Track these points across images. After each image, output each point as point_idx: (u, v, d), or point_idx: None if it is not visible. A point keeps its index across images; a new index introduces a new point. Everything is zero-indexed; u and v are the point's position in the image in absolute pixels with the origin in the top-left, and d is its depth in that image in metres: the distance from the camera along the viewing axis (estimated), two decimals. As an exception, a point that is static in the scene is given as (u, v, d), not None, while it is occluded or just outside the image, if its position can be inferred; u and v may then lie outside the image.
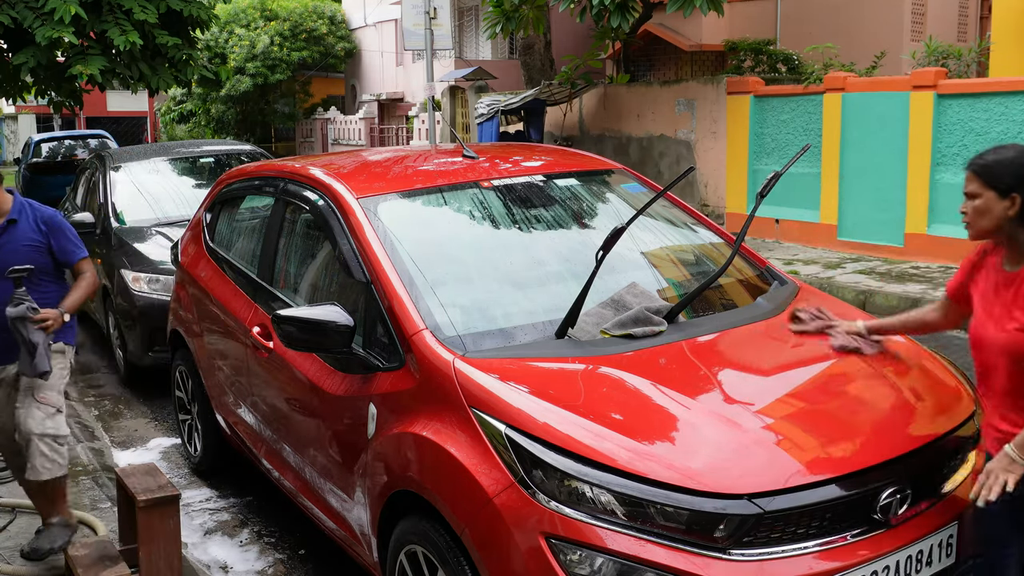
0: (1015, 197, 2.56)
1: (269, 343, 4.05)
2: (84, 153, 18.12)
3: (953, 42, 15.22)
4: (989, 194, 2.60)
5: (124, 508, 3.93)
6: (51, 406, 3.86)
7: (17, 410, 3.84)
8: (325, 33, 30.66)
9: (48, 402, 3.85)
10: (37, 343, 3.64)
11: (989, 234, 2.67)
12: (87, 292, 4.01)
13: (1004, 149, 2.64)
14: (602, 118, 15.29)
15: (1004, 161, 2.60)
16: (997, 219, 2.60)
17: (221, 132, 32.01)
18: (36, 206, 3.98)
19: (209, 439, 5.16)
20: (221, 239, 5.13)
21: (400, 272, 3.38)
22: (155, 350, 6.74)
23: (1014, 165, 2.58)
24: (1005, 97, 9.57)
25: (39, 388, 3.84)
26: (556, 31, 18.36)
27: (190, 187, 8.46)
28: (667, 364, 3.11)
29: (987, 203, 2.60)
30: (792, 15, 18.37)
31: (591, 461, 2.60)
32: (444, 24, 17.38)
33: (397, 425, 3.09)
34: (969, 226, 2.69)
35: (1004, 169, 2.58)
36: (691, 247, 4.14)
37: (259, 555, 4.38)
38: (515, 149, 5.11)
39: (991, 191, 2.59)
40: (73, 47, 13.11)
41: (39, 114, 39.79)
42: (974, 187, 2.63)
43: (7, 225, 3.87)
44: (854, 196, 11.01)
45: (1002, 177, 2.58)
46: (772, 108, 12.14)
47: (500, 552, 2.66)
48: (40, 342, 3.65)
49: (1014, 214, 2.58)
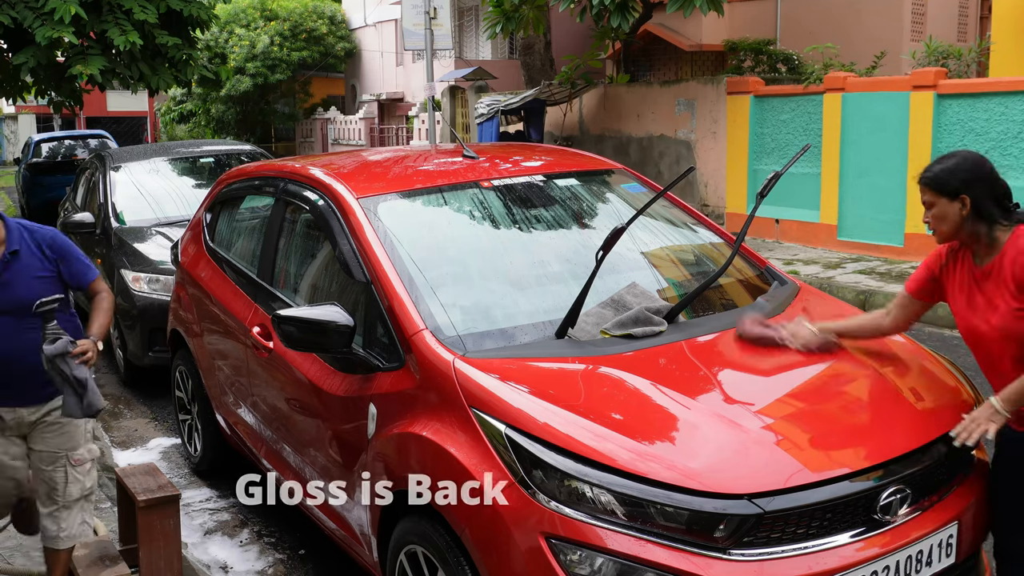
0: (964, 198, 2.84)
1: (269, 343, 4.05)
2: (84, 153, 18.09)
3: (953, 42, 15.21)
4: (941, 200, 2.87)
5: (124, 508, 3.93)
6: (86, 463, 3.53)
7: (46, 472, 3.46)
8: (325, 33, 30.66)
9: (83, 461, 3.51)
10: (86, 379, 3.21)
11: (953, 236, 2.93)
12: (111, 313, 3.57)
13: (947, 158, 2.92)
14: (602, 118, 15.29)
15: (948, 168, 2.88)
16: (955, 221, 2.87)
17: (221, 132, 32.01)
18: (33, 228, 3.45)
19: (209, 439, 5.16)
20: (221, 239, 5.13)
21: (400, 272, 3.38)
22: (155, 350, 6.74)
23: (957, 170, 2.86)
24: (1005, 97, 9.57)
25: (69, 447, 3.47)
26: (556, 31, 18.36)
27: (190, 187, 8.45)
28: (667, 364, 3.11)
29: (942, 209, 2.88)
30: (792, 15, 18.36)
31: (591, 461, 2.60)
32: (444, 24, 17.38)
33: (397, 425, 3.09)
34: (935, 233, 2.96)
35: (949, 175, 2.86)
36: (691, 247, 4.14)
37: (259, 555, 4.38)
38: (515, 149, 5.11)
39: (943, 197, 2.87)
40: (73, 47, 13.11)
41: (39, 114, 39.79)
42: (928, 197, 2.91)
43: (9, 258, 3.34)
44: (854, 196, 11.01)
45: (948, 182, 2.85)
46: (772, 108, 12.14)
47: (500, 552, 2.66)
48: (88, 378, 3.22)
49: (967, 213, 2.84)
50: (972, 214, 2.84)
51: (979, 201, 2.83)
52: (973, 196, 2.83)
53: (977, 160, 2.90)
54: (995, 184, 2.87)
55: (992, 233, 2.85)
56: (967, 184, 2.83)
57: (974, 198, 2.83)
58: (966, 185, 2.83)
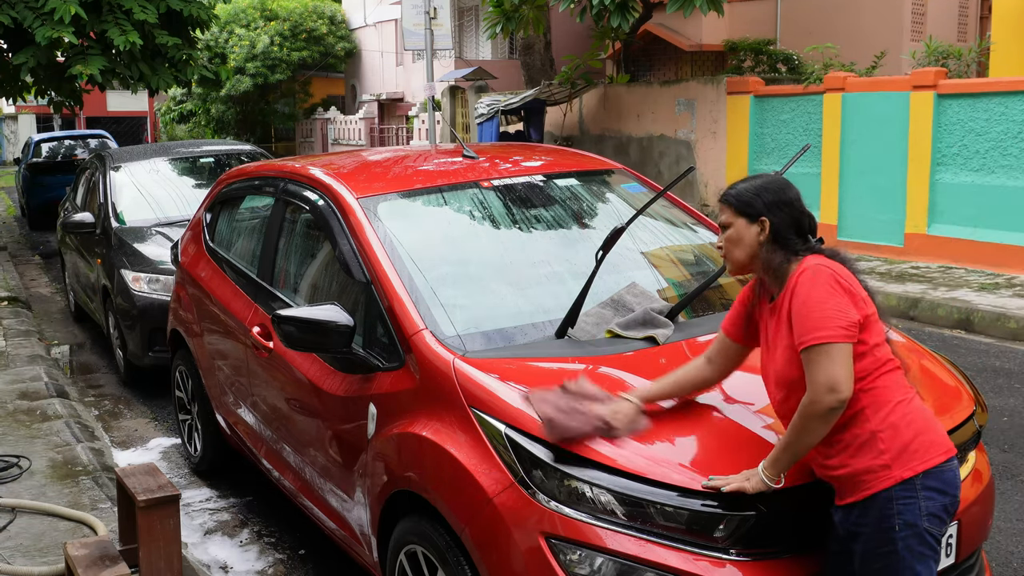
0: (764, 221, 2.55)
1: (269, 343, 4.05)
2: (84, 153, 18.11)
3: (953, 42, 15.22)
4: (740, 221, 2.59)
5: (124, 508, 3.93)
6: None
7: None
8: (325, 33, 30.68)
9: None
10: None
11: (747, 265, 2.63)
12: None
13: (754, 178, 2.66)
14: (602, 118, 15.29)
15: (752, 188, 2.60)
16: (750, 247, 2.58)
17: (221, 132, 32.03)
18: None
19: (209, 439, 5.16)
20: (221, 239, 5.13)
21: (400, 272, 3.38)
22: (155, 350, 6.74)
23: (761, 190, 2.58)
24: (1005, 97, 9.57)
25: None
26: (556, 31, 18.37)
27: (190, 187, 8.45)
28: (667, 364, 3.10)
29: (738, 231, 2.59)
30: (792, 15, 18.37)
31: (591, 461, 2.60)
32: (444, 24, 17.39)
33: (397, 425, 3.09)
34: (726, 259, 2.67)
35: (751, 195, 2.58)
36: (691, 247, 4.14)
37: (259, 555, 4.38)
38: (515, 149, 5.11)
39: (741, 218, 2.59)
40: (73, 47, 13.11)
41: (39, 114, 39.81)
42: (725, 216, 2.63)
43: None
44: (854, 196, 11.02)
45: (751, 203, 2.58)
46: (772, 108, 12.14)
47: (500, 552, 2.66)
48: None
49: (764, 239, 2.56)
50: (769, 240, 2.56)
51: (779, 227, 2.54)
52: (774, 220, 2.54)
53: (783, 183, 2.62)
54: (800, 213, 2.58)
55: (785, 265, 2.54)
56: (769, 207, 2.55)
57: (774, 223, 2.54)
58: (768, 207, 2.55)
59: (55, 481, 4.81)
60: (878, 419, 2.43)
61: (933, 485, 2.42)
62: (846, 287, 2.44)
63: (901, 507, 2.41)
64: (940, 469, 2.44)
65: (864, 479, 2.43)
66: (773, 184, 2.61)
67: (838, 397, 2.36)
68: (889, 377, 2.48)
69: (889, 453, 2.42)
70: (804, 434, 2.42)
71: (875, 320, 2.50)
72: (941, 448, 2.46)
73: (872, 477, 2.42)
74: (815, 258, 2.51)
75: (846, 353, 2.38)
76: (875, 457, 2.42)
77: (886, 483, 2.41)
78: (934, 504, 2.43)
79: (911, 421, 2.45)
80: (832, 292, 2.41)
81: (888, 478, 2.41)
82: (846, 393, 2.36)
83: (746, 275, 2.76)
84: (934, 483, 2.43)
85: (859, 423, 2.44)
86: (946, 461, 2.46)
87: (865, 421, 2.44)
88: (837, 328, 2.38)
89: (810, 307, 2.41)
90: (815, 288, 2.42)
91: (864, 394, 2.44)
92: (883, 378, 2.47)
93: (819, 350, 2.38)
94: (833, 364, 2.36)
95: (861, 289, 2.50)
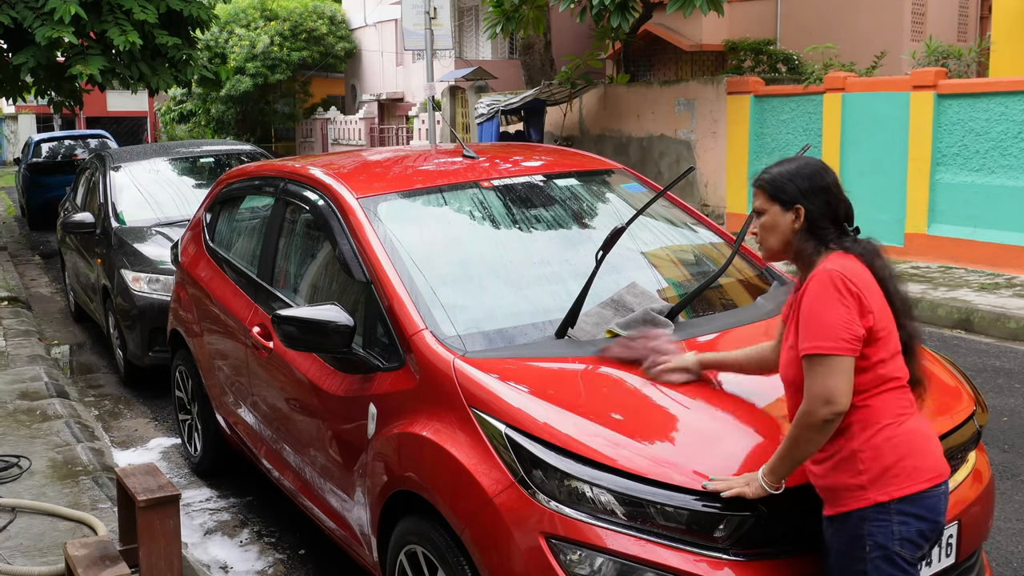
0: (799, 208, 2.48)
1: (269, 343, 4.05)
2: (84, 153, 18.11)
3: (953, 42, 15.23)
4: (774, 208, 2.51)
5: (124, 508, 3.93)
6: None
7: None
8: (325, 33, 30.69)
9: None
10: None
11: (780, 252, 2.56)
12: None
13: (788, 161, 2.57)
14: (602, 118, 15.29)
15: (786, 173, 2.51)
16: (784, 234, 2.51)
17: (221, 132, 32.03)
18: None
19: (209, 439, 5.16)
20: (221, 239, 5.13)
21: (400, 272, 3.38)
22: (155, 350, 6.74)
23: (796, 175, 2.50)
24: (1005, 97, 9.57)
25: None
26: (556, 31, 18.37)
27: (190, 187, 8.45)
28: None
29: (773, 218, 2.52)
30: (792, 15, 18.37)
31: (591, 461, 2.60)
32: (444, 24, 17.40)
33: (397, 425, 3.09)
34: (760, 245, 2.60)
35: (786, 181, 2.50)
36: (691, 247, 4.14)
37: (259, 555, 4.38)
38: (515, 149, 5.10)
39: (776, 204, 2.51)
40: (73, 47, 13.12)
41: (39, 114, 39.81)
42: (760, 202, 2.55)
43: None
44: (854, 196, 10.73)
45: (784, 188, 2.50)
46: (772, 108, 12.15)
47: (500, 552, 2.66)
48: None
49: (799, 227, 2.49)
50: (804, 229, 2.49)
51: (815, 215, 2.47)
52: (809, 208, 2.48)
53: (819, 167, 2.54)
54: (837, 200, 2.52)
55: (814, 257, 2.47)
56: (804, 194, 2.48)
57: (810, 211, 2.48)
58: (803, 194, 2.48)
59: (55, 481, 4.81)
60: (862, 439, 2.39)
61: (910, 511, 2.37)
62: (856, 295, 2.36)
63: (873, 528, 2.36)
64: (922, 495, 2.38)
65: (840, 495, 2.40)
66: (808, 168, 2.52)
67: (833, 410, 2.33)
68: (888, 396, 2.42)
69: (867, 475, 2.37)
70: (800, 444, 2.40)
71: (887, 333, 2.42)
72: (926, 474, 2.40)
73: (848, 495, 2.39)
74: (838, 257, 2.43)
75: (847, 366, 2.34)
76: (853, 476, 2.38)
77: (860, 503, 2.37)
78: (908, 529, 2.37)
79: (896, 445, 2.39)
80: (841, 301, 2.35)
81: (863, 499, 2.37)
82: (842, 406, 2.33)
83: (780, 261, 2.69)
84: (912, 508, 2.37)
85: (844, 439, 2.41)
86: (931, 488, 2.40)
87: (850, 438, 2.40)
88: (839, 340, 2.33)
89: (816, 314, 2.37)
90: (824, 294, 2.37)
91: (855, 411, 2.39)
92: (880, 397, 2.41)
93: (819, 360, 2.35)
94: (831, 376, 2.33)
95: (877, 298, 2.42)
